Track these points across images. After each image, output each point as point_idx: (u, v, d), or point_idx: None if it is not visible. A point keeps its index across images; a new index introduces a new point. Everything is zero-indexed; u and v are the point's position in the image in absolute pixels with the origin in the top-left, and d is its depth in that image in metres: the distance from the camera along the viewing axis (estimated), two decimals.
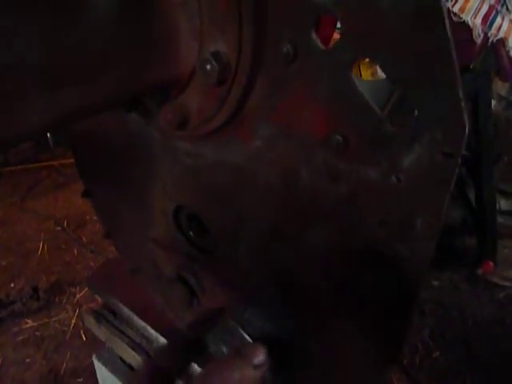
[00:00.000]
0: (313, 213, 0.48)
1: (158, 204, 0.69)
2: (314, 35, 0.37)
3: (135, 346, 1.00)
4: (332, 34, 0.79)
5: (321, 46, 0.37)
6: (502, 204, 2.07)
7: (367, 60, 0.37)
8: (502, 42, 1.44)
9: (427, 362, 1.51)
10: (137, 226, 0.80)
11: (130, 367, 0.96)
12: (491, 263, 1.78)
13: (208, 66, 0.41)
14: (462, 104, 0.33)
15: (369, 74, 1.66)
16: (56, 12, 0.34)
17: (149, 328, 0.90)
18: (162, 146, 0.57)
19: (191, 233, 0.69)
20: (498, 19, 1.45)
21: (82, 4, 0.35)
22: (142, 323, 0.92)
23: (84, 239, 1.92)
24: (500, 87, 2.25)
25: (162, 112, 0.49)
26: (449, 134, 0.35)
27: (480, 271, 1.79)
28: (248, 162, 0.50)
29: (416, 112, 0.35)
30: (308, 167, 0.45)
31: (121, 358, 1.01)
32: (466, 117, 0.34)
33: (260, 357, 0.41)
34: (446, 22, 0.30)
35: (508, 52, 1.44)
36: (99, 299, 1.55)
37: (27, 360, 1.43)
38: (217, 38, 0.41)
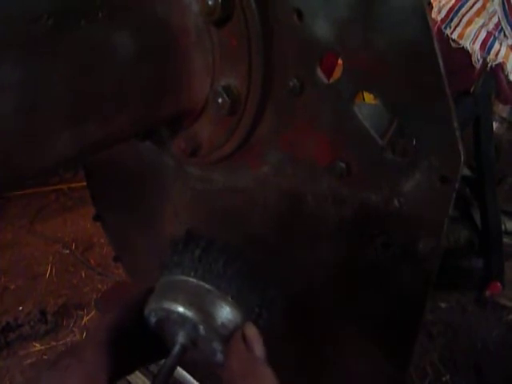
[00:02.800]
0: (318, 234, 0.50)
1: (168, 228, 0.71)
2: (318, 71, 0.40)
3: (143, 369, 1.00)
4: (336, 64, 0.83)
5: (325, 80, 0.40)
6: (508, 225, 2.07)
7: None
8: (501, 66, 1.48)
9: None
10: (147, 249, 0.82)
11: None
12: (499, 284, 1.76)
13: (220, 99, 0.44)
14: (457, 133, 0.36)
15: (371, 98, 1.71)
16: (80, 54, 0.37)
17: None
18: (174, 171, 0.60)
19: None
20: (496, 45, 1.48)
21: (103, 46, 0.38)
22: None
23: (92, 262, 1.93)
24: (501, 109, 2.28)
25: (176, 140, 0.52)
26: (446, 161, 0.37)
27: (487, 293, 1.77)
28: (256, 186, 0.53)
29: (414, 141, 0.37)
30: (314, 191, 0.48)
31: (128, 381, 1.01)
32: (461, 145, 0.36)
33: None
34: (440, 62, 0.33)
35: (507, 76, 1.48)
36: None
37: None
38: (228, 72, 0.44)
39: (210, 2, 0.39)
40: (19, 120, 0.34)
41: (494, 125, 2.04)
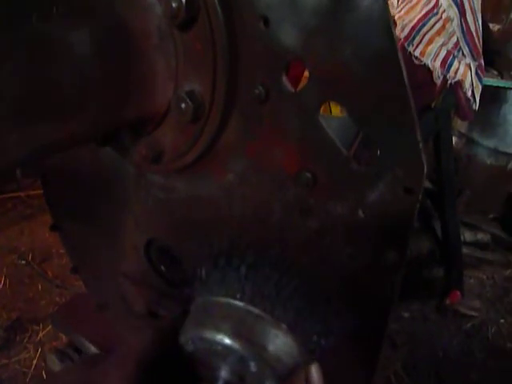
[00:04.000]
0: (285, 245, 0.49)
1: (129, 238, 0.68)
2: (284, 79, 0.40)
3: None
4: (303, 73, 0.84)
5: (290, 89, 0.40)
6: (467, 236, 2.16)
7: None
8: (460, 83, 1.54)
9: None
10: (107, 260, 0.78)
11: None
12: (458, 293, 1.82)
13: (183, 105, 0.43)
14: (420, 145, 0.36)
15: (338, 111, 1.74)
16: (31, 51, 0.34)
17: None
18: (135, 179, 0.58)
19: (162, 267, 0.69)
20: (455, 63, 1.55)
21: (57, 43, 0.36)
22: None
23: (49, 273, 1.84)
24: (460, 125, 2.39)
25: (138, 147, 0.50)
26: (409, 172, 0.37)
27: (448, 301, 1.83)
28: (221, 195, 0.51)
29: (378, 152, 0.37)
30: (280, 202, 0.47)
31: None
32: (424, 157, 0.36)
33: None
34: (403, 71, 0.33)
35: (465, 93, 1.54)
36: (63, 338, 1.47)
37: None
38: (192, 77, 0.43)
39: (173, 4, 0.38)
40: None
41: (453, 140, 2.13)
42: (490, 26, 2.12)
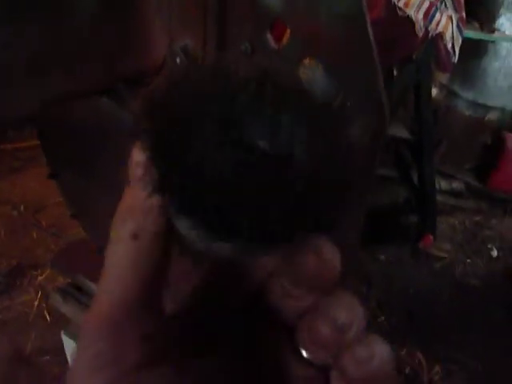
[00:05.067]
0: None
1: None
2: (268, 36, 0.45)
3: None
4: (285, 31, 0.87)
5: (274, 45, 0.45)
6: (442, 184, 2.27)
7: None
8: (441, 35, 1.57)
9: (373, 325, 1.67)
10: (106, 206, 0.84)
11: None
12: (431, 237, 1.96)
13: (177, 59, 0.48)
14: (383, 97, 0.42)
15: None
16: (39, 11, 0.39)
17: None
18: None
19: None
20: (437, 15, 1.57)
21: (62, 4, 0.40)
22: None
23: (44, 223, 1.90)
24: (441, 76, 2.43)
25: (135, 97, 0.55)
26: (374, 120, 0.44)
27: (421, 245, 1.97)
28: None
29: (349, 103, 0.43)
30: None
31: None
32: (386, 107, 0.43)
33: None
34: (370, 32, 0.39)
35: (445, 45, 1.58)
36: (62, 281, 1.56)
37: None
38: (185, 33, 0.48)
39: None
40: None
41: (434, 91, 2.18)
42: None
